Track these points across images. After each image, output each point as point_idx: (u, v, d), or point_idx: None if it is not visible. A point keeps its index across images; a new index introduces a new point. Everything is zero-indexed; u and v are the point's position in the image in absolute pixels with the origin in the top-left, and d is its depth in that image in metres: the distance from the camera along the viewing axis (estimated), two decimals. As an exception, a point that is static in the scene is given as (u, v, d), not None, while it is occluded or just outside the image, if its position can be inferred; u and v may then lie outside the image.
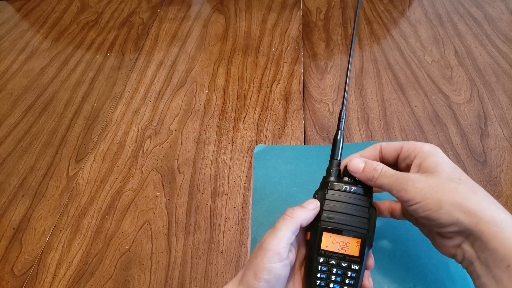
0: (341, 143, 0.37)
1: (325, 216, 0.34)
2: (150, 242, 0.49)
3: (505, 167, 0.54)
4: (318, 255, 0.33)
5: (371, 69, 0.72)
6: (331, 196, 0.34)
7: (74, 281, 0.46)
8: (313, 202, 0.34)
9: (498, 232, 0.27)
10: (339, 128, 0.37)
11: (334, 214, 0.34)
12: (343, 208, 0.34)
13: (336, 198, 0.34)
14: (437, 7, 0.87)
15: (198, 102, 0.68)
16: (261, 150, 0.58)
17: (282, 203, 0.51)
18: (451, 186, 0.30)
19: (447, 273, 0.42)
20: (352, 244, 0.33)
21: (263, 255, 0.30)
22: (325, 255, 0.33)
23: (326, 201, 0.34)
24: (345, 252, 0.33)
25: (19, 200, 0.56)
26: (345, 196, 0.34)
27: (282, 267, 0.31)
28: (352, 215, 0.34)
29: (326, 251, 0.33)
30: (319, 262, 0.33)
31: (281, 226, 0.32)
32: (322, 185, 0.36)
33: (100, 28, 0.91)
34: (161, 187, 0.55)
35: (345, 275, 0.33)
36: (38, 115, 0.69)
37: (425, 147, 0.33)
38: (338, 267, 0.33)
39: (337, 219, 0.34)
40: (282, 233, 0.31)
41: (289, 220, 0.32)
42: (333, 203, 0.34)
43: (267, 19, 0.88)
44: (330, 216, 0.34)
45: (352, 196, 0.34)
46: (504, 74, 0.68)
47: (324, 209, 0.34)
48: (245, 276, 0.31)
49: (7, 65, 0.82)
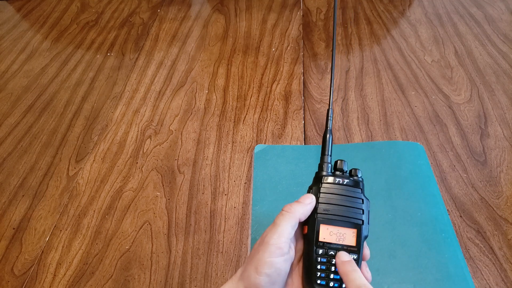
0: (331, 140, 0.39)
1: (321, 208, 0.35)
2: (150, 242, 0.49)
3: (505, 167, 0.54)
4: (317, 247, 0.34)
5: (371, 69, 0.72)
6: (326, 189, 0.36)
7: (74, 281, 0.46)
8: (309, 197, 0.35)
9: None
10: (327, 126, 0.39)
11: (330, 206, 0.35)
12: (338, 200, 0.35)
13: (330, 191, 0.35)
14: (437, 7, 0.87)
15: (198, 102, 0.68)
16: (261, 150, 0.58)
17: (282, 203, 0.50)
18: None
19: (447, 273, 0.42)
20: (348, 235, 0.34)
21: (265, 250, 0.31)
22: (324, 246, 0.34)
23: (321, 194, 0.35)
24: (342, 243, 0.34)
25: (19, 200, 0.56)
26: (339, 189, 0.36)
27: (283, 261, 0.31)
28: (347, 206, 0.35)
29: (324, 242, 0.34)
30: (318, 254, 0.34)
31: (281, 221, 0.32)
32: (315, 180, 0.37)
33: (100, 28, 0.91)
34: (161, 187, 0.55)
35: None
36: (38, 115, 0.69)
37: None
38: None
39: (333, 211, 0.35)
40: (282, 228, 0.32)
41: (288, 216, 0.33)
42: (328, 195, 0.35)
43: (267, 19, 0.88)
44: (326, 208, 0.35)
45: (345, 188, 0.36)
46: (504, 74, 0.68)
47: (319, 202, 0.35)
48: (246, 271, 0.31)
49: (7, 65, 0.82)
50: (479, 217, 0.49)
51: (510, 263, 0.44)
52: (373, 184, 0.51)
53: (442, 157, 0.56)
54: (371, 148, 0.56)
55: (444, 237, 0.45)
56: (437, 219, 0.47)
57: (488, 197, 0.50)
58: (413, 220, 0.47)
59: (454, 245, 0.45)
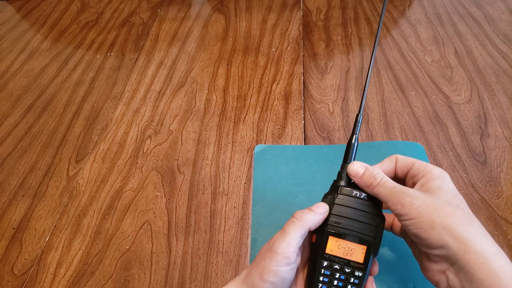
0: (355, 148, 0.36)
1: (332, 220, 0.34)
2: (150, 242, 0.49)
3: (505, 167, 0.54)
4: (323, 259, 0.33)
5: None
6: (340, 201, 0.34)
7: (74, 281, 0.46)
8: (323, 206, 0.34)
9: (484, 264, 0.27)
10: (355, 132, 0.37)
11: (342, 219, 0.33)
12: (352, 213, 0.34)
13: (345, 203, 0.34)
14: (437, 7, 0.87)
15: (198, 102, 0.68)
16: (261, 150, 0.58)
17: (282, 203, 0.51)
18: (448, 210, 0.29)
19: (447, 273, 0.42)
20: (357, 250, 0.33)
21: (271, 258, 0.30)
22: (330, 259, 0.33)
23: (335, 205, 0.34)
24: (349, 258, 0.33)
25: (19, 200, 0.56)
26: (355, 202, 0.34)
27: (289, 270, 0.31)
28: (360, 221, 0.33)
29: (330, 255, 0.33)
30: (323, 266, 0.33)
31: (290, 229, 0.32)
32: (332, 189, 0.36)
33: (100, 28, 0.91)
34: (161, 187, 0.55)
35: (347, 280, 0.33)
36: (38, 115, 0.69)
37: (435, 170, 0.33)
38: (341, 272, 0.33)
39: (344, 224, 0.33)
40: (291, 237, 0.31)
41: (298, 224, 0.32)
42: (341, 208, 0.34)
43: (267, 19, 0.88)
44: (337, 221, 0.33)
45: (361, 202, 0.34)
46: (504, 74, 0.68)
47: (332, 213, 0.34)
48: (250, 276, 0.31)
49: (7, 65, 0.82)
50: (479, 217, 0.49)
51: (510, 263, 0.44)
52: (373, 184, 0.51)
53: (442, 157, 0.56)
54: (371, 148, 0.56)
55: (444, 237, 0.45)
56: (437, 219, 0.47)
57: (488, 197, 0.50)
58: (413, 220, 0.47)
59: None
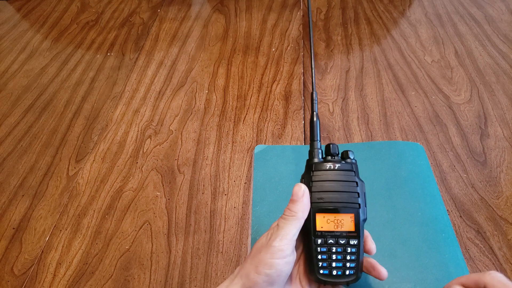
0: (318, 124, 0.38)
1: (315, 197, 0.34)
2: (150, 242, 0.49)
3: (505, 167, 0.54)
4: (316, 237, 0.33)
5: (371, 69, 0.72)
6: (318, 177, 0.34)
7: (74, 281, 0.46)
8: (300, 189, 0.33)
9: None
10: (313, 110, 0.37)
11: (323, 194, 0.34)
12: (331, 186, 0.34)
13: (322, 178, 0.34)
14: (437, 8, 0.87)
15: (198, 102, 0.68)
16: (261, 150, 0.58)
17: (282, 203, 0.50)
18: None
19: (447, 273, 0.42)
20: (346, 220, 0.33)
21: (267, 251, 0.31)
22: (322, 235, 0.33)
23: (313, 182, 0.34)
24: (341, 229, 0.33)
25: (19, 200, 0.56)
26: (331, 174, 0.34)
27: (285, 263, 0.31)
28: (341, 191, 0.33)
29: (322, 231, 0.33)
30: (318, 244, 0.33)
31: (284, 225, 0.32)
32: (307, 168, 0.36)
33: (100, 28, 0.91)
34: (161, 187, 0.55)
35: (345, 251, 0.33)
36: (38, 115, 0.69)
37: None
38: (337, 245, 0.33)
39: (327, 198, 0.33)
40: (286, 231, 0.31)
41: (291, 219, 0.32)
42: (320, 183, 0.34)
43: (267, 19, 0.88)
44: (320, 197, 0.33)
45: (338, 173, 0.34)
46: (504, 74, 0.68)
47: (312, 191, 0.34)
48: (244, 268, 0.31)
49: (7, 65, 0.82)
50: (479, 217, 0.49)
51: (510, 263, 0.44)
52: (373, 184, 0.51)
53: (442, 157, 0.56)
54: (371, 148, 0.56)
55: (444, 237, 0.45)
56: (437, 219, 0.47)
57: (488, 197, 0.50)
58: (413, 219, 0.47)
59: (454, 245, 0.45)
